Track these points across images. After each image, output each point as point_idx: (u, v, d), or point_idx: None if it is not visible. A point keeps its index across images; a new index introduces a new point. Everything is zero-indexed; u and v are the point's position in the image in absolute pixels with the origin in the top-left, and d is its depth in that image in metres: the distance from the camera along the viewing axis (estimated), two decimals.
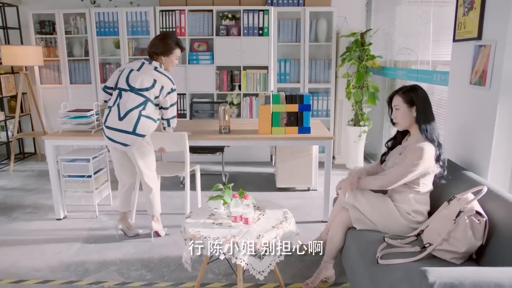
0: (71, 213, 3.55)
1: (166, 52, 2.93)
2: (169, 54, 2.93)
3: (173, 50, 2.94)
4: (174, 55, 2.96)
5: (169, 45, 2.92)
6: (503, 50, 2.19)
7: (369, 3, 5.13)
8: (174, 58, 2.98)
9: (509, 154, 2.29)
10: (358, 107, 4.74)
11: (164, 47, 2.92)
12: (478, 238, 1.85)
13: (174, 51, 2.95)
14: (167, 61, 2.96)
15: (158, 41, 2.94)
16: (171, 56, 2.95)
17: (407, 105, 2.27)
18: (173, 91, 2.93)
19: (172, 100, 2.95)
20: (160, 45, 2.92)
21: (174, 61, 3.00)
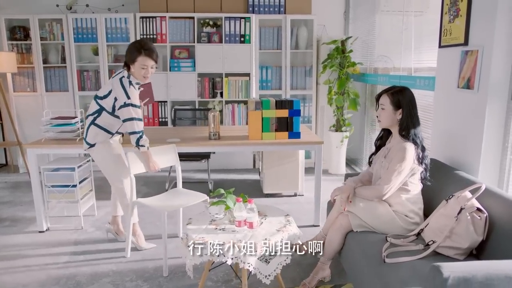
0: (55, 224, 3.40)
1: (129, 60, 2.73)
2: (133, 62, 2.72)
3: (136, 58, 2.70)
4: (138, 63, 2.71)
5: (132, 52, 2.71)
6: (490, 55, 2.31)
7: (347, 12, 5.27)
8: (140, 67, 2.71)
9: (498, 153, 2.40)
10: (340, 113, 4.84)
11: (127, 54, 2.75)
12: (479, 234, 1.92)
13: (137, 59, 2.70)
14: (133, 70, 2.75)
15: (127, 49, 2.79)
16: (136, 64, 2.71)
17: (393, 107, 2.33)
18: (126, 105, 2.69)
19: (125, 115, 2.71)
20: (126, 53, 2.77)
21: (142, 71, 2.73)
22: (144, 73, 2.74)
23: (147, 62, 2.72)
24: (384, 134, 2.48)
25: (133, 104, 2.71)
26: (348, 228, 2.35)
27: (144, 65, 2.72)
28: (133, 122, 2.71)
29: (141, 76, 2.76)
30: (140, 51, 2.69)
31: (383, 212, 2.30)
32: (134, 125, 2.71)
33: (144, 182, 4.63)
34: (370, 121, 4.86)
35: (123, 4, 5.07)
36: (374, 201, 2.33)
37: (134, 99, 2.72)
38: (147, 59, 2.72)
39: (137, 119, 2.72)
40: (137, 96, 2.77)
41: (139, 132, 2.73)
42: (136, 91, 2.78)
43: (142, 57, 2.70)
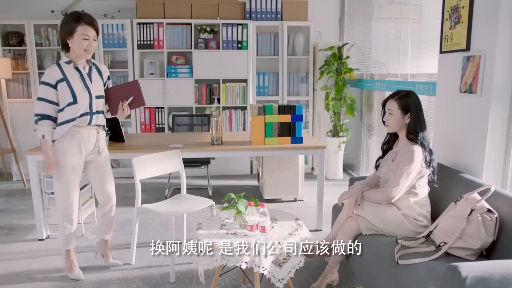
0: (54, 232, 3.33)
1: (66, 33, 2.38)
2: (71, 34, 2.37)
3: (75, 27, 2.36)
4: (78, 34, 2.36)
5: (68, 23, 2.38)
6: (493, 60, 2.37)
7: (342, 19, 5.34)
8: (80, 38, 2.37)
9: (501, 156, 2.46)
10: (337, 118, 4.89)
11: (62, 28, 2.40)
12: (490, 234, 1.96)
13: (77, 29, 2.36)
14: (73, 45, 2.40)
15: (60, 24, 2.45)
16: (75, 36, 2.37)
17: (401, 112, 2.37)
18: (40, 84, 2.46)
19: (37, 94, 2.47)
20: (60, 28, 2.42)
21: (84, 43, 2.38)
22: (86, 45, 2.40)
23: (88, 31, 2.39)
24: (390, 137, 2.51)
25: (44, 82, 2.42)
26: (357, 231, 2.36)
27: (86, 35, 2.38)
28: (39, 103, 2.44)
29: (82, 50, 2.40)
30: (79, 20, 2.38)
31: (392, 215, 2.33)
32: (38, 106, 2.44)
33: (142, 188, 4.56)
34: (366, 126, 4.91)
35: (119, 10, 5.06)
36: (383, 204, 2.35)
37: (46, 78, 2.42)
38: (88, 28, 2.39)
39: (45, 100, 2.42)
40: (50, 76, 2.42)
41: (41, 114, 2.43)
42: (56, 71, 2.43)
43: (82, 26, 2.38)
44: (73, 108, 2.47)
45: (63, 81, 2.44)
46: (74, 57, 2.48)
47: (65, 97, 2.45)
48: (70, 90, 2.44)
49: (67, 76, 2.45)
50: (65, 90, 2.44)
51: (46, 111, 2.45)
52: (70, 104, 2.46)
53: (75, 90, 2.46)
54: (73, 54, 2.47)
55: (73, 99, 2.46)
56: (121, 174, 5.11)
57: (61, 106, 2.47)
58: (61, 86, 2.44)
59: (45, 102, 2.43)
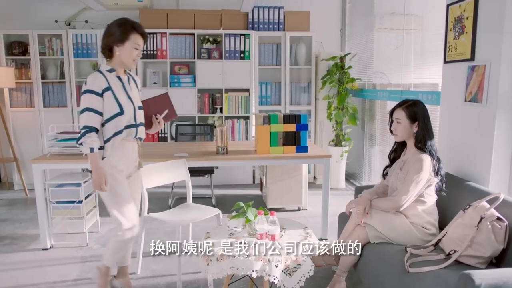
0: (58, 242, 3.32)
1: (118, 40, 2.24)
2: (123, 41, 2.24)
3: (129, 36, 2.24)
4: (131, 43, 2.25)
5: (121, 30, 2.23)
6: (498, 69, 2.40)
7: (343, 29, 5.40)
8: (132, 47, 2.27)
9: (507, 164, 2.47)
10: (339, 127, 4.91)
11: (113, 34, 2.24)
12: (500, 242, 1.96)
13: (130, 37, 2.25)
14: (121, 53, 2.26)
15: (107, 28, 2.29)
16: (127, 44, 2.25)
17: (409, 120, 2.39)
18: (83, 93, 2.22)
19: (81, 105, 2.24)
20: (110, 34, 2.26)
21: (134, 52, 2.29)
22: (136, 55, 2.30)
23: (139, 41, 2.30)
24: (398, 146, 2.53)
25: (89, 90, 2.21)
26: (365, 239, 2.36)
27: (137, 44, 2.29)
28: (86, 115, 2.21)
29: (130, 60, 2.30)
30: (133, 28, 2.26)
31: (400, 223, 2.33)
32: (83, 119, 2.21)
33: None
34: (368, 136, 4.93)
35: None
36: (390, 213, 2.35)
37: (91, 86, 2.22)
38: (140, 38, 2.30)
39: (92, 110, 2.20)
40: (95, 84, 2.23)
41: (85, 127, 2.21)
42: (99, 78, 2.25)
43: (135, 35, 2.27)
44: (121, 119, 2.29)
45: (108, 90, 2.25)
46: (116, 66, 2.31)
47: (111, 108, 2.26)
48: (115, 100, 2.26)
49: (111, 85, 2.26)
50: (111, 100, 2.25)
51: (93, 123, 2.23)
52: (117, 115, 2.27)
53: (120, 100, 2.28)
54: (116, 62, 2.31)
55: (119, 109, 2.27)
56: None
57: (106, 117, 2.27)
58: (107, 95, 2.25)
59: (93, 112, 2.22)
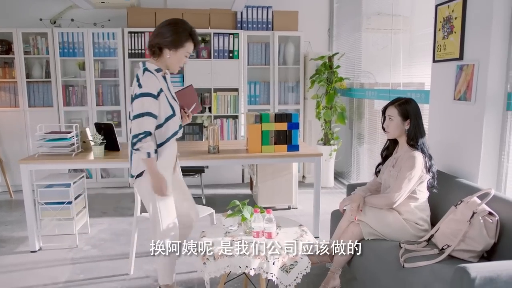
0: (47, 244, 3.26)
1: (173, 43, 2.13)
2: (178, 47, 2.15)
3: (185, 42, 2.15)
4: (185, 50, 2.17)
5: (179, 35, 2.13)
6: (486, 68, 2.46)
7: (330, 29, 5.45)
8: (184, 54, 2.19)
9: (495, 160, 2.54)
10: (328, 126, 4.95)
11: (171, 35, 2.12)
12: (491, 237, 2.01)
13: (186, 44, 2.16)
14: (170, 56, 2.16)
15: (163, 28, 2.17)
16: (181, 50, 2.16)
17: (401, 118, 2.43)
18: (141, 96, 2.09)
19: (135, 109, 2.11)
20: (166, 33, 2.14)
21: (184, 59, 2.21)
22: (183, 62, 2.23)
23: (192, 49, 2.23)
24: (390, 144, 2.56)
25: (145, 93, 2.09)
26: (360, 236, 2.39)
27: (189, 53, 2.22)
28: (141, 120, 2.09)
29: (177, 66, 2.22)
30: (189, 36, 2.16)
31: (393, 220, 2.36)
32: (141, 124, 2.09)
33: (133, 199, 4.52)
34: (357, 134, 4.99)
35: (109, 19, 5.03)
36: (384, 209, 2.39)
37: (147, 87, 2.10)
38: (193, 46, 2.22)
39: (149, 114, 2.10)
40: (151, 85, 2.12)
41: (144, 132, 2.10)
42: (153, 78, 2.13)
43: (191, 44, 2.19)
44: (174, 120, 2.24)
45: (162, 91, 2.16)
46: (162, 66, 2.21)
47: (166, 110, 2.18)
48: (168, 101, 2.19)
49: (162, 86, 2.18)
50: (164, 102, 2.17)
51: (151, 127, 2.13)
52: (170, 117, 2.21)
53: (171, 102, 2.21)
54: (163, 63, 2.20)
55: (172, 111, 2.21)
56: (111, 184, 5.05)
57: (162, 119, 2.18)
58: (161, 97, 2.15)
59: (151, 116, 2.12)
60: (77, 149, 3.23)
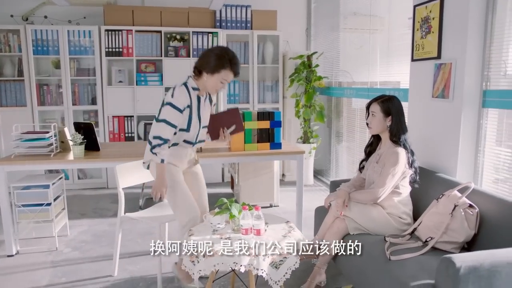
0: (25, 247, 3.16)
1: (210, 68, 2.31)
2: (214, 72, 2.31)
3: (221, 69, 2.31)
4: (220, 76, 2.32)
5: (216, 61, 2.30)
6: (463, 67, 2.56)
7: (308, 29, 5.51)
8: (219, 80, 2.34)
9: (472, 155, 2.64)
10: (307, 125, 5.01)
11: (209, 61, 2.31)
12: (472, 228, 2.10)
13: (222, 71, 2.31)
14: (207, 79, 2.34)
15: (207, 52, 2.37)
16: (216, 75, 2.32)
17: (383, 114, 2.49)
18: (168, 105, 2.31)
19: (161, 113, 2.34)
20: (206, 58, 2.33)
21: (219, 85, 2.36)
22: (220, 87, 2.39)
23: (230, 77, 2.37)
24: (374, 140, 2.62)
25: (173, 105, 2.30)
26: (345, 231, 2.44)
27: (226, 80, 2.37)
28: (164, 125, 2.31)
29: (214, 90, 2.41)
30: (228, 64, 2.32)
31: (377, 214, 2.42)
32: (162, 128, 2.31)
33: (113, 199, 4.45)
34: (335, 132, 5.07)
35: (85, 16, 4.92)
36: (368, 204, 2.44)
37: (177, 101, 2.30)
38: (231, 75, 2.36)
39: (171, 124, 2.32)
40: (181, 100, 2.32)
41: (162, 139, 2.31)
42: (185, 94, 2.34)
43: (228, 72, 2.34)
44: (184, 134, 2.45)
45: (188, 107, 2.37)
46: (200, 86, 2.41)
47: (183, 123, 2.40)
48: (189, 119, 2.40)
49: (192, 104, 2.39)
50: (186, 117, 2.39)
51: (169, 135, 2.35)
52: (182, 130, 2.43)
53: (192, 120, 2.42)
54: (201, 84, 2.39)
55: (187, 127, 2.43)
56: (89, 186, 4.95)
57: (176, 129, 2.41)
58: (186, 112, 2.37)
59: (171, 126, 2.33)
60: (55, 149, 3.14)
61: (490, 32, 2.51)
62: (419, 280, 1.86)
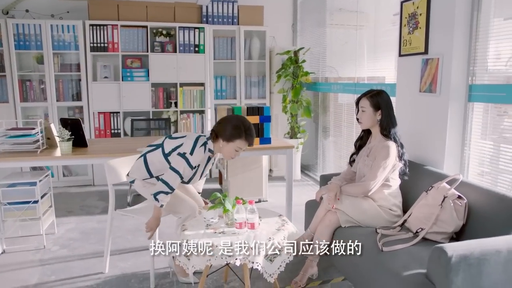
0: (11, 246, 3.10)
1: (226, 136, 2.39)
2: (229, 140, 2.39)
3: (236, 139, 2.38)
4: (235, 145, 2.40)
5: (232, 131, 2.38)
6: (450, 62, 2.62)
7: (294, 24, 5.53)
8: (234, 149, 2.42)
9: (459, 148, 2.71)
10: (294, 120, 5.04)
11: (225, 128, 2.39)
12: (460, 219, 2.16)
13: (236, 141, 2.39)
14: (223, 147, 2.43)
15: (225, 120, 2.47)
16: (231, 144, 2.40)
17: (373, 109, 2.53)
18: (183, 156, 2.39)
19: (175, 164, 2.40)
20: (224, 125, 2.42)
21: (233, 153, 2.45)
22: (235, 155, 2.48)
23: (244, 146, 2.45)
24: (364, 134, 2.66)
25: (189, 162, 2.40)
26: (337, 224, 2.47)
27: (240, 148, 2.45)
28: (176, 176, 2.39)
29: (229, 156, 2.49)
30: (243, 135, 2.40)
31: (368, 207, 2.46)
32: (174, 178, 2.39)
33: (100, 197, 4.40)
34: (322, 128, 5.12)
35: (68, 11, 4.82)
36: (359, 197, 2.48)
37: (193, 160, 2.41)
38: (245, 144, 2.44)
39: (181, 176, 2.42)
40: (197, 160, 2.44)
41: (170, 188, 2.39)
42: (202, 155, 2.45)
43: (242, 141, 2.41)
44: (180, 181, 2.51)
45: (199, 166, 2.52)
46: (216, 150, 2.51)
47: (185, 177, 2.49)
48: (193, 175, 2.53)
49: (201, 163, 2.53)
50: (192, 172, 2.51)
51: (176, 186, 2.44)
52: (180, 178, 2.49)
53: (195, 176, 2.55)
54: (217, 148, 2.48)
55: (188, 181, 2.56)
56: (74, 183, 4.87)
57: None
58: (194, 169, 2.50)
59: (178, 176, 2.41)
60: (41, 146, 3.08)
61: (476, 28, 2.58)
62: (411, 270, 1.91)
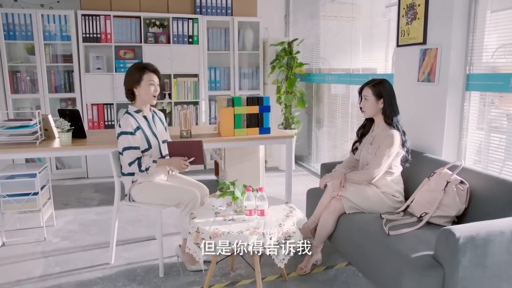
0: (11, 239, 3.06)
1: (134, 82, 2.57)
2: (139, 82, 2.56)
3: (142, 76, 2.56)
4: (145, 81, 2.57)
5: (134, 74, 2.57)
6: (448, 52, 2.69)
7: (287, 16, 5.55)
8: (148, 84, 2.57)
9: (456, 136, 2.79)
10: (288, 111, 5.07)
11: (129, 79, 2.59)
12: (462, 203, 2.23)
13: (143, 77, 2.56)
14: (140, 93, 2.59)
15: (125, 77, 2.63)
16: (143, 83, 2.57)
17: (375, 97, 2.58)
18: (120, 134, 2.55)
19: (121, 144, 2.56)
20: (126, 79, 2.60)
21: (151, 88, 2.59)
22: (153, 91, 2.60)
23: (153, 77, 2.60)
24: (367, 123, 2.72)
25: (124, 132, 2.53)
26: (341, 211, 2.53)
27: (151, 80, 2.59)
28: (128, 152, 2.53)
29: (150, 96, 2.61)
30: (144, 69, 2.59)
31: (372, 194, 2.53)
32: (129, 154, 2.53)
33: (95, 189, 4.37)
34: (316, 119, 5.17)
35: (59, 0, 4.73)
36: (363, 184, 2.54)
37: (125, 126, 2.54)
38: (152, 75, 2.61)
39: (132, 147, 2.54)
40: (131, 123, 2.56)
41: (134, 160, 2.53)
42: (129, 120, 2.57)
43: (148, 74, 2.59)
44: (152, 152, 2.65)
45: (139, 129, 2.59)
46: (141, 106, 2.64)
47: (143, 143, 2.60)
48: (145, 137, 2.61)
49: (141, 125, 2.61)
50: (142, 137, 2.60)
51: (135, 155, 2.55)
52: (146, 150, 2.62)
53: (149, 137, 2.63)
54: (139, 102, 2.63)
55: (147, 145, 2.62)
56: (67, 176, 4.82)
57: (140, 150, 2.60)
58: (139, 133, 2.58)
59: (131, 149, 2.54)
60: (40, 137, 3.04)
61: (474, 18, 2.65)
62: (419, 252, 1.97)
